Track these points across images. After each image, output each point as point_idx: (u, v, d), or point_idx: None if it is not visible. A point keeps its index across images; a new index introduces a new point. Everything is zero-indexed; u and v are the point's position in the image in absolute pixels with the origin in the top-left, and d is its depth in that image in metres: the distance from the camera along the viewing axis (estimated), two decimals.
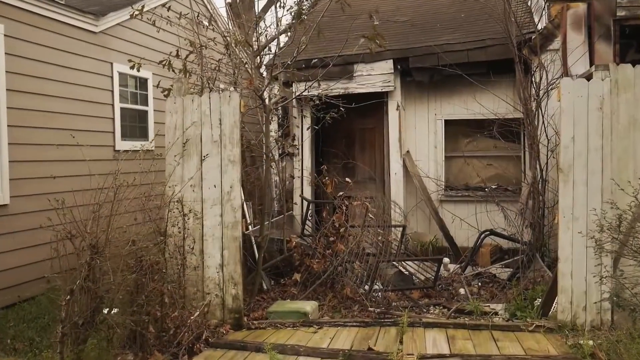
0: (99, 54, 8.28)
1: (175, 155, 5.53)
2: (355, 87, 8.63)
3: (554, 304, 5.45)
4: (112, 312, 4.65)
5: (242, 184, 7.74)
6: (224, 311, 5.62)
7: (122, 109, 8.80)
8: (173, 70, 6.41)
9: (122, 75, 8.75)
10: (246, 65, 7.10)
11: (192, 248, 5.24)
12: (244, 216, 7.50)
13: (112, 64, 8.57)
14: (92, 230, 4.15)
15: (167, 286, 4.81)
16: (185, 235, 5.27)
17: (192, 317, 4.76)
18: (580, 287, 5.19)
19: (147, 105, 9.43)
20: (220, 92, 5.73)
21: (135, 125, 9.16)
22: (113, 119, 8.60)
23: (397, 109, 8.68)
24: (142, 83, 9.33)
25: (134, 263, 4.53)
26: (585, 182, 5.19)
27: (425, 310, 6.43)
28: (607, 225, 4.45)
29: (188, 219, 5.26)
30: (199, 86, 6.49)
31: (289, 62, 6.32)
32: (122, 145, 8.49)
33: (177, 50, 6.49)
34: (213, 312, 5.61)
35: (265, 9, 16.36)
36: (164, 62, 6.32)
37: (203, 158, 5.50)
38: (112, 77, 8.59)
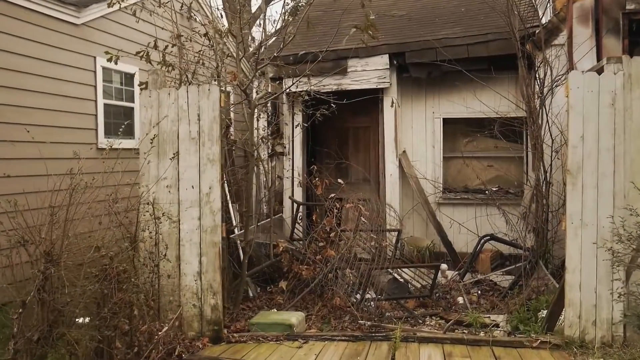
0: (80, 47, 7.87)
1: (144, 152, 5.08)
2: (349, 83, 8.21)
3: (560, 318, 5.02)
4: (84, 321, 4.24)
5: (228, 185, 7.36)
6: (202, 323, 5.18)
7: (105, 105, 8.40)
8: (150, 63, 5.99)
9: (106, 70, 8.33)
10: (230, 58, 6.65)
11: (165, 255, 4.79)
12: (229, 219, 7.10)
13: (95, 57, 8.15)
14: (47, 236, 3.71)
15: (136, 296, 4.36)
16: (158, 241, 4.83)
17: (160, 333, 4.30)
18: (590, 300, 4.75)
19: (133, 101, 9.01)
20: (199, 85, 5.29)
21: (120, 122, 8.74)
22: (96, 115, 8.19)
23: (392, 107, 8.26)
24: (128, 78, 8.91)
25: (98, 272, 4.09)
26: (596, 186, 4.75)
27: (420, 321, 6.03)
28: (626, 235, 3.99)
29: (160, 222, 4.81)
30: (180, 80, 6.06)
31: (275, 54, 5.88)
32: (106, 143, 8.08)
33: (155, 41, 6.05)
34: (190, 324, 5.18)
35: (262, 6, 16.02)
36: (141, 54, 5.89)
37: (173, 156, 5.05)
38: (95, 72, 8.18)
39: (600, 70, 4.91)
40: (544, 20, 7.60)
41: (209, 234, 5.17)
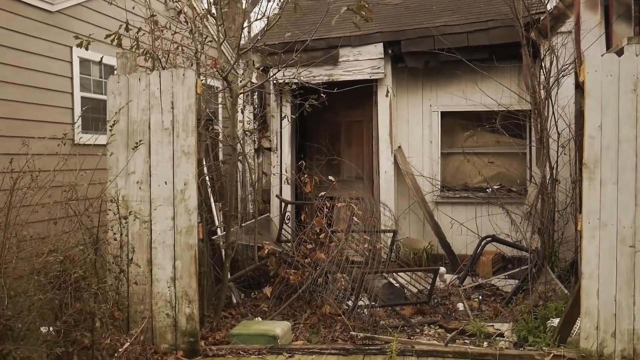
0: (55, 36, 7.35)
1: (107, 144, 4.56)
2: (341, 74, 7.72)
3: (574, 328, 4.54)
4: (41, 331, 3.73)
5: (211, 182, 6.85)
6: (177, 334, 4.66)
7: (83, 98, 7.88)
8: (122, 47, 5.47)
9: (83, 61, 7.81)
10: (209, 42, 6.15)
11: (131, 259, 4.27)
12: (211, 219, 6.60)
13: (71, 48, 7.61)
14: None
15: (97, 306, 3.85)
16: (123, 243, 4.31)
17: (121, 349, 3.79)
18: (609, 309, 4.26)
19: None
20: (173, 70, 4.77)
21: (99, 116, 8.22)
22: (72, 109, 7.68)
23: (387, 99, 7.78)
24: (108, 70, 8.39)
25: (52, 279, 3.57)
26: (616, 181, 4.26)
27: (418, 330, 5.55)
28: None
29: (127, 222, 4.29)
30: (152, 66, 5.55)
31: (259, 37, 5.38)
32: (83, 138, 7.57)
33: (127, 24, 5.53)
34: (163, 336, 4.66)
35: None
36: (112, 37, 5.37)
37: (136, 145, 4.52)
38: (71, 63, 7.67)
39: (619, 53, 4.43)
40: (549, 6, 7.14)
41: (183, 236, 4.65)
